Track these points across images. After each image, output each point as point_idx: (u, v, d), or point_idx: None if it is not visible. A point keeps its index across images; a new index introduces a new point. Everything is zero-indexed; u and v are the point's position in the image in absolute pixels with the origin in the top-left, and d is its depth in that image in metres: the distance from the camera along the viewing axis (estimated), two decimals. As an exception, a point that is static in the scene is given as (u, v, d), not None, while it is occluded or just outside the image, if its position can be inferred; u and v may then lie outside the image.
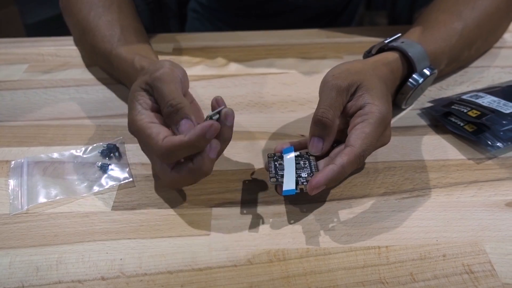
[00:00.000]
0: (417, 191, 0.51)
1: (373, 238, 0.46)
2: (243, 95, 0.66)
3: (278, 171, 0.47)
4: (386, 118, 0.48)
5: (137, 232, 0.47)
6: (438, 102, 0.62)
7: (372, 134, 0.47)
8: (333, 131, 0.49)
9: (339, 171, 0.45)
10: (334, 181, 0.45)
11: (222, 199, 0.50)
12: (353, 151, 0.45)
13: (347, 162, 0.45)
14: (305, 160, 0.48)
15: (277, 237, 0.46)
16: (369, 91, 0.49)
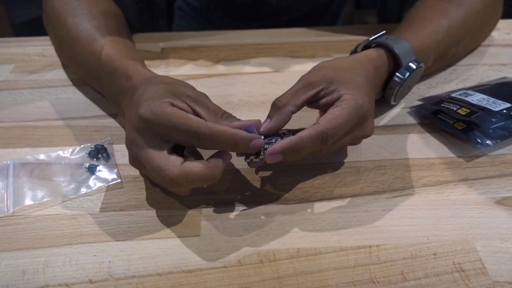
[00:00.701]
0: (407, 189, 0.50)
1: (363, 237, 0.45)
2: (233, 94, 0.66)
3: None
4: (362, 106, 0.47)
5: (125, 234, 0.46)
6: (427, 100, 0.62)
7: (342, 117, 0.46)
8: (282, 113, 0.49)
9: (296, 141, 0.45)
10: (290, 151, 0.45)
11: (212, 200, 0.50)
12: (316, 127, 0.45)
13: (307, 135, 0.45)
14: (277, 137, 0.48)
15: (268, 238, 0.46)
16: (343, 84, 0.49)
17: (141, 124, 0.44)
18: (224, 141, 0.44)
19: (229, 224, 0.47)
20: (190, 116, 0.44)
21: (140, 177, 0.52)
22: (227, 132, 0.44)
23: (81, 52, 0.61)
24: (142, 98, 0.46)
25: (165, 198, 0.50)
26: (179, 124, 0.43)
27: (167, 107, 0.45)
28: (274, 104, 0.49)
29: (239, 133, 0.44)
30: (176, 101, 0.46)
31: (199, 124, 0.43)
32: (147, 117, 0.44)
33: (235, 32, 0.81)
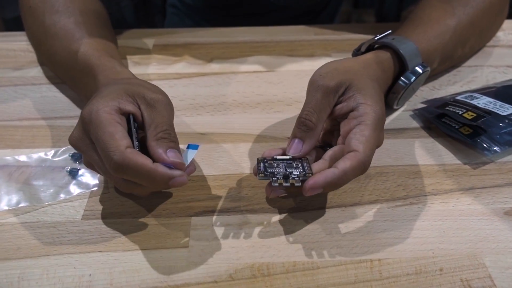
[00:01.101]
0: (410, 198, 0.47)
1: (364, 250, 0.42)
2: (227, 94, 0.63)
3: (267, 169, 0.43)
4: (381, 119, 0.45)
5: (108, 244, 0.43)
6: (431, 103, 0.59)
7: (372, 137, 0.43)
8: (316, 134, 0.46)
9: (340, 176, 0.41)
10: (333, 185, 0.41)
11: (202, 207, 0.46)
12: (357, 157, 0.42)
13: (350, 167, 0.41)
14: (298, 163, 0.45)
15: (261, 250, 0.42)
16: (360, 91, 0.46)
17: (80, 122, 0.43)
18: (138, 176, 0.40)
19: (220, 234, 0.44)
20: (116, 136, 0.40)
21: (126, 182, 0.49)
22: (144, 167, 0.39)
23: (59, 51, 0.58)
24: (96, 96, 0.44)
25: (152, 206, 0.47)
26: (100, 138, 0.40)
27: (105, 113, 0.41)
28: (303, 125, 0.45)
29: (158, 170, 0.39)
30: (126, 103, 0.43)
31: (116, 150, 0.39)
32: (83, 117, 0.42)
33: (230, 29, 0.78)
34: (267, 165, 0.44)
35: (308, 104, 0.46)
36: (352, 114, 0.45)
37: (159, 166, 0.40)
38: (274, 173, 0.42)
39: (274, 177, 0.42)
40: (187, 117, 0.58)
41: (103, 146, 0.40)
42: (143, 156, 0.40)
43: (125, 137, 0.40)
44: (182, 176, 0.40)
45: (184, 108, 0.60)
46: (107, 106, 0.42)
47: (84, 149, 0.43)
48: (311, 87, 0.47)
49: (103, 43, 0.58)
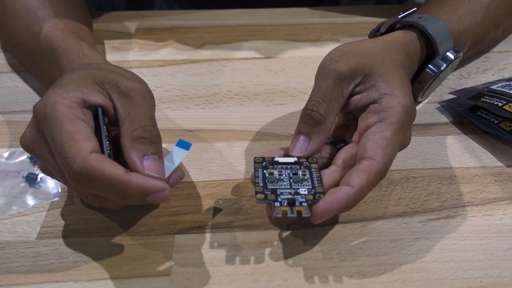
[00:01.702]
0: (446, 210, 0.38)
1: (394, 278, 0.33)
2: (220, 84, 0.53)
3: (267, 185, 0.34)
4: (410, 115, 0.36)
5: (69, 272, 0.34)
6: (461, 93, 0.50)
7: (395, 140, 0.35)
8: (325, 129, 0.37)
9: (355, 196, 0.33)
10: (348, 208, 0.33)
11: (188, 223, 0.37)
12: (374, 168, 0.33)
13: (367, 183, 0.33)
14: (305, 170, 0.36)
15: (263, 278, 0.33)
16: (384, 79, 0.37)
17: (33, 119, 0.34)
18: (105, 189, 0.31)
19: (210, 257, 0.35)
20: (77, 136, 0.31)
21: (95, 191, 0.40)
22: (113, 179, 0.30)
23: (19, 32, 0.49)
24: (54, 86, 0.35)
25: (125, 221, 0.37)
26: (56, 139, 0.31)
27: (63, 106, 0.32)
28: (309, 117, 0.37)
29: (131, 182, 0.30)
30: (92, 94, 0.34)
31: (77, 155, 0.30)
32: (36, 112, 0.33)
33: (224, 11, 0.69)
34: (268, 175, 0.35)
35: (315, 93, 0.38)
36: (373, 107, 0.36)
37: (133, 176, 0.31)
38: (276, 192, 0.34)
39: (276, 201, 0.33)
40: (172, 111, 0.49)
41: (60, 149, 0.31)
42: (111, 163, 0.31)
43: (88, 138, 0.32)
44: (163, 191, 0.31)
45: (169, 100, 0.50)
46: (66, 98, 0.33)
47: (39, 152, 0.34)
48: (320, 73, 0.38)
49: (71, 24, 0.48)
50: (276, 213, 0.32)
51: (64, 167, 0.31)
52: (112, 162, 0.31)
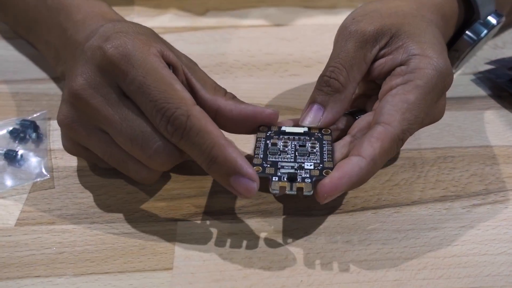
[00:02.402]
0: (492, 194, 0.33)
1: (437, 275, 0.28)
2: (226, 53, 0.48)
3: (268, 156, 0.29)
4: (445, 80, 0.31)
5: (52, 265, 0.29)
6: (500, 63, 0.44)
7: (420, 105, 0.29)
8: (344, 99, 0.32)
9: (368, 169, 0.28)
10: (360, 182, 0.28)
11: (193, 208, 0.32)
12: (389, 134, 0.28)
13: (380, 152, 0.28)
14: (315, 142, 0.30)
15: (283, 273, 0.28)
16: (414, 38, 0.32)
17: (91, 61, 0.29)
18: (199, 146, 0.27)
19: (219, 249, 0.30)
20: (178, 86, 0.28)
21: (85, 171, 0.34)
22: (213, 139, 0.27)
23: None
24: (111, 30, 0.29)
25: (119, 204, 0.32)
26: (152, 85, 0.27)
27: (151, 54, 0.28)
28: (326, 85, 0.31)
29: (229, 149, 0.27)
30: (168, 53, 0.30)
31: (181, 103, 0.27)
32: (107, 51, 0.28)
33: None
34: (270, 146, 0.30)
35: (334, 58, 0.32)
36: (399, 69, 0.31)
37: (231, 146, 0.27)
38: (276, 166, 0.28)
39: (275, 175, 0.28)
40: (173, 82, 0.43)
41: (158, 96, 0.27)
42: (213, 123, 0.28)
43: (186, 91, 0.28)
44: (252, 181, 0.27)
45: (170, 70, 0.45)
46: (151, 46, 0.29)
47: (95, 102, 0.28)
48: (340, 35, 0.33)
49: None
50: (272, 189, 0.27)
51: (160, 113, 0.27)
52: (214, 123, 0.28)
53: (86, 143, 0.30)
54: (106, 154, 0.30)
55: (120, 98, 0.28)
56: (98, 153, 0.30)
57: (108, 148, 0.29)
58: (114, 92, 0.28)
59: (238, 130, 0.32)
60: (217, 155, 0.27)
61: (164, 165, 0.29)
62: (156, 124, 0.27)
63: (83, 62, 0.29)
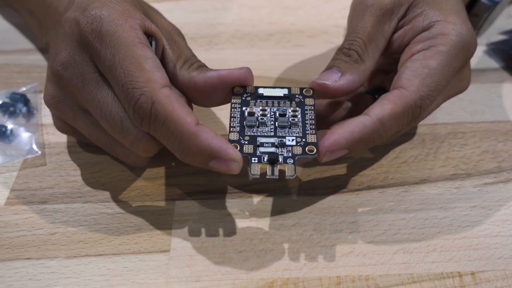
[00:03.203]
0: (505, 172, 0.32)
1: (447, 257, 0.27)
2: (226, 22, 0.45)
3: (245, 130, 0.27)
4: (469, 47, 0.29)
5: (44, 246, 0.27)
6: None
7: (442, 72, 0.27)
8: (362, 71, 0.29)
9: (373, 128, 0.26)
10: (363, 143, 0.26)
11: (191, 186, 0.31)
12: (404, 98, 0.26)
13: (391, 113, 0.26)
14: (296, 108, 0.28)
15: (285, 256, 0.27)
16: (435, 5, 0.30)
17: (68, 36, 0.26)
18: (167, 135, 0.25)
19: (219, 230, 0.28)
20: (146, 65, 0.25)
21: (78, 148, 0.33)
22: (181, 126, 0.24)
23: None
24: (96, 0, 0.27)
25: (114, 183, 0.31)
26: (119, 65, 0.25)
27: (126, 25, 0.26)
28: (346, 54, 0.29)
29: (201, 136, 0.24)
30: (148, 21, 0.27)
31: (146, 86, 0.24)
32: (82, 26, 0.26)
33: None
34: (247, 116, 0.27)
35: (352, 33, 0.30)
36: (420, 36, 0.29)
37: (203, 131, 0.24)
38: (255, 142, 0.26)
39: (254, 156, 0.26)
40: (171, 53, 0.41)
41: (123, 78, 0.25)
42: (184, 107, 0.25)
43: (158, 69, 0.26)
44: (232, 161, 0.25)
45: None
46: (129, 18, 0.26)
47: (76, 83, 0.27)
48: (355, 10, 0.31)
49: None
50: (252, 173, 0.25)
51: (126, 99, 0.25)
52: (185, 105, 0.25)
53: (73, 124, 0.28)
54: (92, 136, 0.28)
55: (100, 78, 0.26)
56: (86, 134, 0.28)
57: (94, 131, 0.28)
58: (94, 71, 0.26)
59: (212, 102, 0.29)
60: (188, 146, 0.24)
61: (148, 152, 0.27)
62: (126, 111, 0.25)
63: (62, 37, 0.27)
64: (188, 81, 0.28)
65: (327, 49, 0.42)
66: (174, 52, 0.29)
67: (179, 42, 0.30)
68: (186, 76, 0.28)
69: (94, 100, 0.26)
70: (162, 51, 0.29)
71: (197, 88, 0.28)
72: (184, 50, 0.30)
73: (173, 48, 0.29)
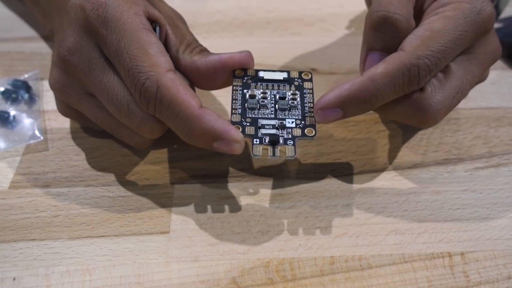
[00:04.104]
0: (496, 157, 0.32)
1: (438, 238, 0.28)
2: (224, 10, 0.46)
3: (247, 112, 0.28)
4: (481, 10, 0.27)
5: (47, 228, 0.28)
6: (508, 22, 0.42)
7: (447, 34, 0.26)
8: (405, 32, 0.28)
9: (362, 85, 0.26)
10: (355, 102, 0.26)
11: (190, 170, 0.31)
12: (399, 57, 0.26)
13: (382, 72, 0.26)
14: (295, 92, 0.29)
15: (281, 237, 0.28)
16: None
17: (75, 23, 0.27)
18: (171, 117, 0.26)
19: (217, 212, 0.29)
20: (151, 50, 0.26)
21: (80, 133, 0.34)
22: (186, 108, 0.25)
23: None
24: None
25: (115, 167, 0.31)
26: (125, 50, 0.26)
27: (131, 12, 0.27)
28: (389, 23, 0.27)
29: (205, 118, 0.25)
30: (153, 10, 0.28)
31: (151, 71, 0.25)
32: (87, 12, 0.27)
33: None
34: (248, 99, 0.28)
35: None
36: (433, 5, 0.29)
37: (207, 113, 0.25)
38: (256, 124, 0.27)
39: (256, 137, 0.27)
40: (170, 41, 0.42)
41: (129, 63, 0.26)
42: (188, 90, 0.26)
43: (163, 53, 0.27)
44: (235, 142, 0.26)
45: (166, 28, 0.43)
46: (133, 4, 0.27)
47: (83, 68, 0.27)
48: None
49: None
50: (254, 154, 0.26)
51: (132, 83, 0.26)
52: (189, 89, 0.26)
53: (78, 108, 0.29)
54: (98, 119, 0.29)
55: (106, 63, 0.27)
56: (91, 117, 0.29)
57: (99, 114, 0.28)
58: (100, 56, 0.27)
59: (214, 85, 0.30)
60: (193, 128, 0.25)
61: (153, 134, 0.28)
62: (132, 95, 0.26)
63: (68, 23, 0.28)
64: (190, 65, 0.29)
65: (324, 37, 0.42)
66: (176, 37, 0.30)
67: (181, 27, 0.31)
68: (188, 60, 0.29)
69: (100, 84, 0.27)
70: (165, 36, 0.29)
71: (199, 71, 0.29)
72: (186, 34, 0.31)
73: (176, 33, 0.30)
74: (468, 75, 0.28)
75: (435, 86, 0.27)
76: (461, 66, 0.28)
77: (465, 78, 0.28)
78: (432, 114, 0.27)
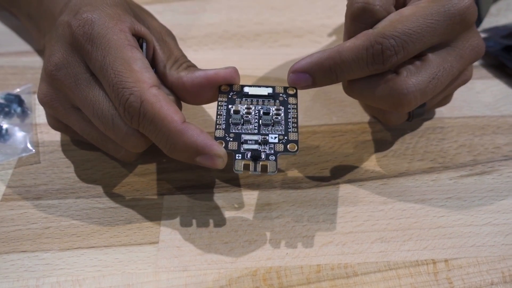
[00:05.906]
0: (480, 165, 0.33)
1: (422, 246, 0.28)
2: (215, 23, 0.47)
3: (230, 127, 0.28)
4: (459, 4, 0.28)
5: (38, 240, 0.29)
6: (493, 32, 0.43)
7: (416, 19, 0.27)
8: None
9: (330, 56, 0.28)
10: (322, 70, 0.28)
11: (179, 181, 0.32)
12: (366, 34, 0.27)
13: (349, 45, 0.27)
14: (280, 107, 0.29)
15: (268, 247, 0.28)
16: None
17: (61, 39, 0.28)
18: (155, 132, 0.26)
19: (205, 222, 0.30)
20: (135, 66, 0.27)
21: (70, 145, 0.34)
22: (168, 123, 0.26)
23: None
24: (87, 4, 0.28)
25: (105, 179, 0.32)
26: (109, 66, 0.26)
27: (116, 28, 0.27)
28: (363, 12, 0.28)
29: (187, 133, 0.26)
30: (138, 24, 0.29)
31: (135, 86, 0.26)
32: (73, 29, 0.27)
33: None
34: (232, 114, 0.28)
35: None
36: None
37: (190, 129, 0.26)
38: (239, 139, 0.28)
39: (238, 152, 0.27)
40: (161, 54, 0.43)
41: (113, 79, 0.26)
42: (171, 105, 0.26)
43: (147, 69, 0.27)
44: (217, 157, 0.26)
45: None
46: (119, 21, 0.28)
47: (69, 83, 0.28)
48: None
49: None
50: (236, 169, 0.27)
51: (117, 98, 0.26)
52: (172, 104, 0.26)
53: (66, 121, 0.30)
54: (85, 133, 0.29)
55: (91, 79, 0.28)
56: (78, 131, 0.30)
57: (86, 128, 0.29)
58: (86, 71, 0.28)
59: (200, 101, 0.30)
60: (175, 142, 0.26)
61: (138, 147, 0.28)
62: (117, 109, 0.27)
63: (56, 39, 0.28)
64: (176, 81, 0.29)
65: (314, 48, 0.43)
66: (164, 53, 0.30)
67: (169, 43, 0.32)
68: (174, 76, 0.29)
69: (86, 99, 0.28)
70: (153, 51, 0.30)
71: (185, 87, 0.29)
72: (174, 50, 0.31)
73: (163, 48, 0.31)
74: (446, 64, 0.29)
75: (411, 70, 0.28)
76: (439, 56, 0.29)
77: (441, 66, 0.29)
78: (406, 96, 0.28)
